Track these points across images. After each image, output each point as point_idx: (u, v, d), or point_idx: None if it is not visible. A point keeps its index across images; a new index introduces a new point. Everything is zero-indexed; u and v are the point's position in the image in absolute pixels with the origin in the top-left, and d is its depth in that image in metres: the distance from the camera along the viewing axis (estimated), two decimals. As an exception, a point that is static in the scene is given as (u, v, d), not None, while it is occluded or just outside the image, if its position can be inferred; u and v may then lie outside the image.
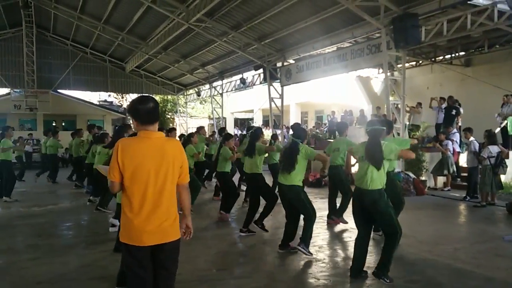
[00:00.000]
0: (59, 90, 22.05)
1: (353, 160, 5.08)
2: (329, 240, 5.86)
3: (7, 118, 21.06)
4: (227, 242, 5.75)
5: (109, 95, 30.62)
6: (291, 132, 8.39)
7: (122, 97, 30.86)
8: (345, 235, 6.08)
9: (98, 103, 28.27)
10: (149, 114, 2.56)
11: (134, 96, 30.49)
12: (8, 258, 5.05)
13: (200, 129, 11.21)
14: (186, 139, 8.33)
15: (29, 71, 19.53)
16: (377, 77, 17.30)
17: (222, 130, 11.57)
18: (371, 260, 4.51)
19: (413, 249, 5.09)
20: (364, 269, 4.15)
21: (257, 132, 6.39)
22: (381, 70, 13.74)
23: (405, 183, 9.49)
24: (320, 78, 14.70)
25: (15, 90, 20.18)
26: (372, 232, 4.38)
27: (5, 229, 6.53)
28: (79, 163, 10.97)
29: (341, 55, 12.48)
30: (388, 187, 4.20)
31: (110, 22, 16.84)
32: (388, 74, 11.08)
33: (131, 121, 2.80)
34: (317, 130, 16.09)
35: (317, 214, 5.10)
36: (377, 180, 3.96)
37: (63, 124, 24.75)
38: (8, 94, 20.68)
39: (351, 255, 4.31)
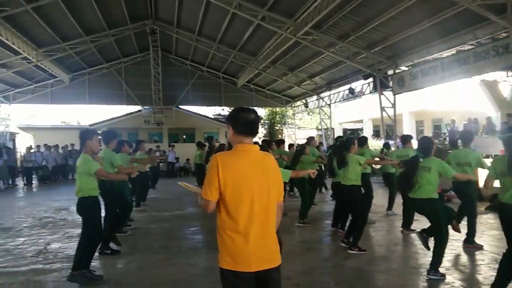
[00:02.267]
0: (180, 106, 24.35)
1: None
2: (457, 261, 5.42)
3: (138, 132, 23.97)
4: (342, 256, 5.72)
5: (223, 109, 32.67)
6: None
7: (234, 111, 32.69)
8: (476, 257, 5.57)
9: (213, 117, 30.37)
10: (248, 124, 2.39)
11: (245, 109, 32.22)
12: (146, 257, 5.76)
13: (311, 140, 11.27)
14: (299, 151, 8.50)
15: (156, 90, 21.95)
16: (505, 81, 15.47)
17: (340, 137, 11.45)
18: None
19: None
20: None
21: (349, 142, 6.16)
22: (510, 73, 12.30)
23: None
24: (438, 85, 13.70)
25: (145, 107, 22.87)
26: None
27: (142, 231, 7.45)
28: (202, 171, 11.95)
29: (461, 59, 11.51)
30: None
31: (224, 41, 18.09)
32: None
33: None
34: (436, 141, 14.93)
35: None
36: None
37: (184, 136, 27.20)
38: (139, 111, 23.53)
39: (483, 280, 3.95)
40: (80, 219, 4.82)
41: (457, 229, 5.43)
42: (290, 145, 14.84)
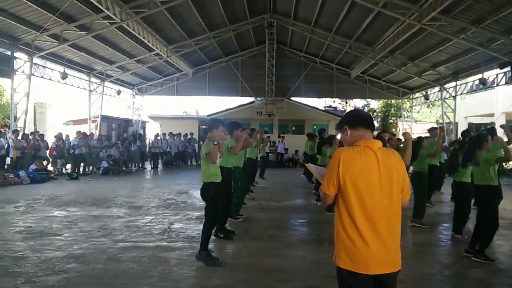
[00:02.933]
0: (291, 98, 24.57)
1: None
2: None
3: (250, 123, 24.91)
4: (464, 264, 5.14)
5: (334, 101, 32.05)
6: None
7: (346, 103, 31.84)
8: None
9: (323, 109, 30.00)
10: (363, 117, 2.40)
11: (357, 101, 31.24)
12: (256, 244, 5.93)
13: (432, 130, 10.17)
14: (416, 143, 7.80)
15: (269, 82, 22.48)
16: None
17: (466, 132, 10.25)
18: None
19: None
20: None
21: (482, 138, 5.49)
22: None
23: None
24: None
25: (258, 98, 23.63)
26: None
27: (253, 219, 7.69)
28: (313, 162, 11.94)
29: None
30: None
31: (340, 31, 17.62)
32: None
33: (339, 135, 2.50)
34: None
35: None
36: None
37: (294, 128, 27.42)
38: (252, 102, 24.41)
39: None
40: (198, 203, 5.16)
41: None
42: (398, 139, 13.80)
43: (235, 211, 7.25)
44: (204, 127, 23.04)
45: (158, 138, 20.46)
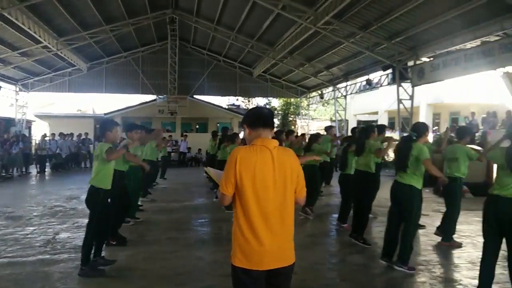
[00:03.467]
0: (194, 96, 24.25)
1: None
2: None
3: (152, 121, 24.00)
4: (348, 251, 5.54)
5: (237, 99, 32.50)
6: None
7: (249, 101, 32.53)
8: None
9: (227, 107, 30.25)
10: (262, 116, 2.40)
11: (259, 99, 32.09)
12: (153, 248, 5.66)
13: (329, 129, 10.58)
14: (312, 138, 8.21)
15: (172, 79, 21.85)
16: (531, 73, 14.81)
17: (355, 129, 11.03)
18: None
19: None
20: None
21: (370, 129, 6.19)
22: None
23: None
24: (459, 77, 13.19)
25: (160, 96, 22.84)
26: None
27: (150, 222, 7.35)
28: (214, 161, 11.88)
29: (486, 50, 11.01)
30: None
31: (242, 30, 17.80)
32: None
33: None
34: (452, 134, 14.45)
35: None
36: None
37: (197, 126, 27.17)
38: (154, 100, 23.54)
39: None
40: (87, 211, 4.75)
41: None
42: (302, 135, 14.59)
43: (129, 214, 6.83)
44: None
45: (46, 139, 18.54)
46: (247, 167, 2.23)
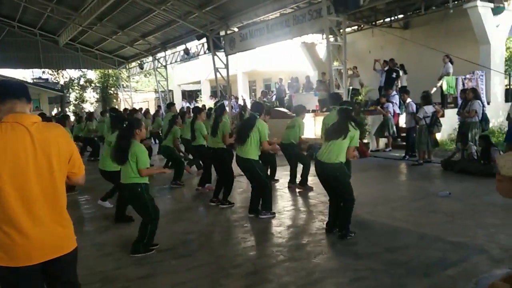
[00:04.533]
0: (-15, 69, 20.23)
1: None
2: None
3: None
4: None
5: (43, 72, 28.50)
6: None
7: (58, 73, 28.84)
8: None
9: (33, 81, 26.29)
10: (11, 85, 2.03)
11: (70, 71, 28.79)
12: None
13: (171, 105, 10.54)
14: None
15: None
16: (321, 43, 17.35)
17: (171, 104, 10.97)
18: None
19: (354, 211, 5.19)
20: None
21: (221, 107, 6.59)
22: (325, 36, 13.81)
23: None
24: (264, 46, 14.48)
25: None
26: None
27: None
28: None
29: (283, 22, 12.32)
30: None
31: (35, -9, 15.43)
32: (332, 39, 11.14)
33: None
34: (265, 99, 16.03)
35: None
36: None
37: (-6, 105, 22.89)
38: None
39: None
40: None
41: None
42: (125, 109, 13.87)
43: None
44: None
45: None
46: None
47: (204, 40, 15.92)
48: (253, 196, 5.34)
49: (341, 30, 10.73)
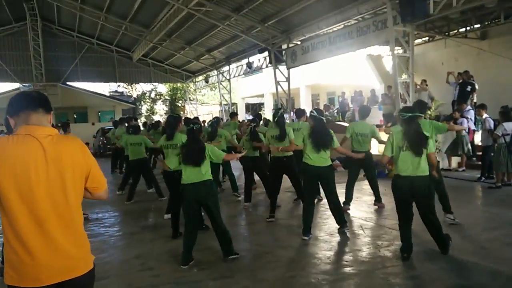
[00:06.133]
0: (68, 83, 22.07)
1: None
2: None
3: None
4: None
5: (119, 86, 30.58)
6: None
7: (132, 87, 30.81)
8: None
9: (109, 94, 28.29)
10: (24, 99, 1.90)
11: (143, 85, 30.61)
12: None
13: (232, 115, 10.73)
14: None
15: (37, 64, 19.53)
16: (388, 55, 16.57)
17: (233, 114, 11.05)
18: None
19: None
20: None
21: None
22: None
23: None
24: (328, 59, 14.11)
25: (24, 84, 20.29)
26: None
27: None
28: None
29: (347, 33, 11.91)
30: None
31: (112, 11, 16.61)
32: (400, 51, 10.56)
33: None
34: (326, 113, 15.58)
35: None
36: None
37: (75, 116, 24.92)
38: (18, 89, 20.81)
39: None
40: None
41: None
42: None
43: None
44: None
45: None
46: (3, 163, 1.75)
47: (266, 53, 15.97)
48: (338, 210, 5.11)
49: (408, 41, 10.08)
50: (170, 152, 5.38)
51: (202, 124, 8.39)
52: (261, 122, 9.70)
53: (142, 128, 15.22)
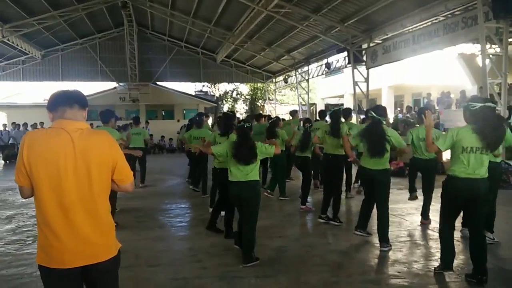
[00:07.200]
0: (158, 83, 23.81)
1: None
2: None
3: (115, 109, 23.48)
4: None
5: (203, 86, 32.14)
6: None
7: (214, 87, 32.24)
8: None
9: (194, 93, 29.88)
10: (60, 96, 2.08)
11: (226, 85, 31.82)
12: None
13: (294, 113, 10.53)
14: (273, 122, 7.97)
15: (132, 66, 21.36)
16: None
17: (294, 112, 10.88)
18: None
19: (490, 255, 4.17)
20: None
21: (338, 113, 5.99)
22: (487, 45, 11.81)
23: (504, 174, 8.20)
24: (412, 58, 13.31)
25: (120, 84, 22.33)
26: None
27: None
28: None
29: (432, 31, 11.15)
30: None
31: (199, 15, 17.50)
32: (494, 49, 9.63)
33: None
34: (408, 115, 14.73)
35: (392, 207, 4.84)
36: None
37: (163, 113, 26.79)
38: (115, 88, 23.00)
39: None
40: (18, 202, 4.51)
41: None
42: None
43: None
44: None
45: (-1, 129, 17.99)
46: (37, 153, 1.94)
47: (345, 53, 15.59)
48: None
49: (502, 39, 9.11)
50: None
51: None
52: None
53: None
